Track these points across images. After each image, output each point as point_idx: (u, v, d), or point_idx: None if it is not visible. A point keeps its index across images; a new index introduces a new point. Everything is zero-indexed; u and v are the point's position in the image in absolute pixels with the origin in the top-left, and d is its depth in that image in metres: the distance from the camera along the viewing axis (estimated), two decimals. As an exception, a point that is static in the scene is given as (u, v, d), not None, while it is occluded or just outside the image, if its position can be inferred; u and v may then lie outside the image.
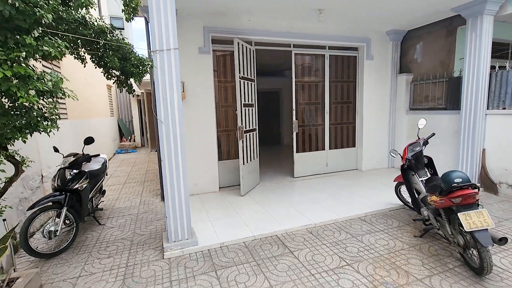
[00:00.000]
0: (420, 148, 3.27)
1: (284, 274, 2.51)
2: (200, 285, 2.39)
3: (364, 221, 3.60)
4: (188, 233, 2.99)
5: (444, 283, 2.32)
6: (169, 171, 2.84)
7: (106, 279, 2.53)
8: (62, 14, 1.86)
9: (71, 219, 3.18)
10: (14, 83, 1.37)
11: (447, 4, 4.44)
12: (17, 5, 1.27)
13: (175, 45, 2.73)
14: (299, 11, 4.51)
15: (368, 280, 2.38)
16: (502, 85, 4.41)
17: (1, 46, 1.32)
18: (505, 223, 3.39)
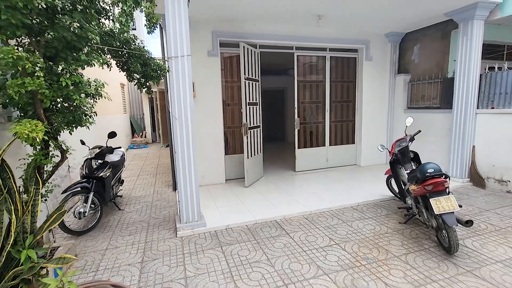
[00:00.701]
0: (406, 143, 3.61)
1: (280, 250, 2.92)
2: (208, 257, 2.82)
3: (356, 210, 3.98)
4: (197, 216, 3.43)
5: (418, 259, 2.69)
6: (181, 161, 3.27)
7: (129, 251, 2.99)
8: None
9: (96, 203, 3.65)
10: (71, 88, 1.81)
11: (440, 10, 4.73)
12: (76, 32, 1.70)
13: (188, 52, 3.15)
14: (301, 17, 4.87)
15: (351, 256, 2.77)
16: (491, 85, 4.69)
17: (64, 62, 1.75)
18: (485, 213, 3.72)
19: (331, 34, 5.70)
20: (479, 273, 2.44)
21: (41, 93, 1.66)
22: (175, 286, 2.38)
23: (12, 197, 1.85)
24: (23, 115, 1.93)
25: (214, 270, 2.60)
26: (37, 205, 1.93)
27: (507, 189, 4.50)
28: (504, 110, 4.48)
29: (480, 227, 3.33)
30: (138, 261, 2.80)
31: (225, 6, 4.24)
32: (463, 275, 2.43)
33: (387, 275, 2.46)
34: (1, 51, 1.42)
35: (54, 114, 2.03)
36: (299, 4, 4.22)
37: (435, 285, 2.30)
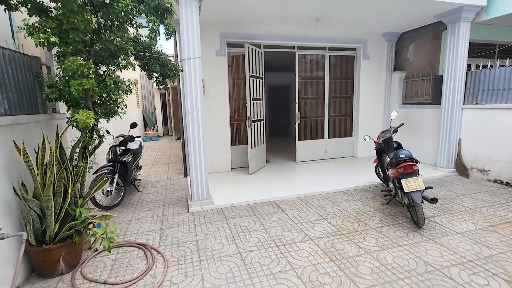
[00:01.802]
0: (390, 134, 4.07)
1: (275, 223, 3.47)
2: (215, 227, 3.39)
3: (345, 193, 4.48)
4: (206, 195, 4.01)
5: (390, 230, 3.19)
6: (193, 148, 3.84)
7: (149, 222, 3.60)
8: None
9: (120, 183, 4.27)
10: (112, 87, 2.37)
11: (430, 13, 5.12)
12: (118, 44, 2.25)
13: (199, 54, 3.69)
14: (301, 20, 5.33)
15: (335, 227, 3.30)
16: (476, 83, 5.08)
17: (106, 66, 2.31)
18: (461, 197, 4.17)
19: (330, 34, 6.14)
20: (439, 241, 2.93)
21: (92, 90, 2.23)
22: (189, 246, 2.96)
23: (67, 169, 2.44)
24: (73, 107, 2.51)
25: (220, 236, 3.17)
26: (85, 176, 2.53)
27: (488, 178, 4.91)
28: (486, 105, 4.88)
29: (453, 208, 3.80)
30: (157, 228, 3.40)
31: (232, 11, 4.74)
32: (425, 242, 2.93)
33: (362, 241, 2.98)
34: (69, 60, 1.98)
35: (98, 106, 2.60)
36: (299, 8, 4.68)
37: (400, 248, 2.81)
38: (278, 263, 2.61)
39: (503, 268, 2.44)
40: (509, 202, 3.94)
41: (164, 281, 2.39)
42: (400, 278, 2.35)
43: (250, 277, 2.41)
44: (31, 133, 2.65)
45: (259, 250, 2.85)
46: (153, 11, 2.27)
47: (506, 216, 3.47)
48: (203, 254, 2.80)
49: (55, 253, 2.39)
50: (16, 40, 2.78)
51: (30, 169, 2.20)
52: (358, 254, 2.72)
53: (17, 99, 2.51)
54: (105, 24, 2.32)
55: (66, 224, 2.42)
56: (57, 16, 1.91)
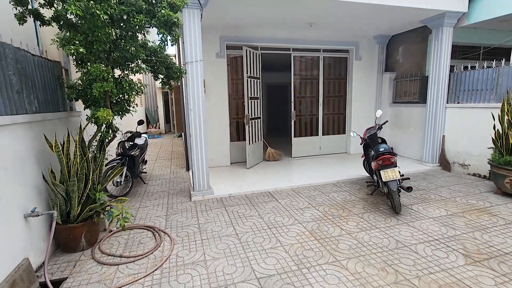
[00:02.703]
0: (375, 131, 4.45)
1: (269, 210, 3.86)
2: (215, 213, 3.79)
3: (335, 185, 4.88)
4: (207, 186, 4.40)
5: (371, 216, 3.59)
6: (195, 143, 4.23)
7: (156, 209, 4.00)
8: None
9: (128, 175, 4.67)
10: (127, 89, 2.76)
11: (415, 18, 5.48)
12: (132, 52, 2.64)
13: (200, 58, 4.08)
14: (296, 24, 5.69)
15: (322, 213, 3.69)
16: (457, 83, 5.46)
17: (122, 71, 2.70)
18: (440, 189, 4.56)
19: (323, 37, 6.51)
20: (412, 224, 3.33)
21: (111, 92, 2.61)
22: (192, 228, 3.37)
23: (88, 159, 2.84)
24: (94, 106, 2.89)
25: (219, 220, 3.57)
26: (103, 165, 2.93)
27: (468, 172, 5.30)
28: (466, 104, 5.26)
29: (430, 197, 4.19)
30: (163, 214, 3.80)
31: (231, 16, 5.11)
32: (400, 225, 3.32)
33: (344, 224, 3.37)
34: (93, 67, 2.36)
35: (114, 105, 2.99)
36: (293, 15, 5.05)
37: (377, 230, 3.21)
38: (270, 242, 3.01)
39: (463, 245, 2.84)
40: (482, 192, 4.33)
41: (171, 255, 2.79)
42: (373, 252, 2.75)
43: (244, 252, 2.81)
44: (56, 128, 3.04)
45: (253, 231, 3.25)
46: (163, 25, 2.65)
47: (476, 204, 3.86)
48: (205, 234, 3.20)
49: (77, 231, 2.79)
50: (41, 46, 3.17)
51: (60, 158, 2.59)
52: (340, 235, 3.12)
53: (44, 98, 2.90)
54: (121, 34, 2.71)
55: (87, 206, 2.81)
56: (83, 30, 2.29)
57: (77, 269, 2.59)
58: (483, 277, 2.33)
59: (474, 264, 2.52)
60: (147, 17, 2.57)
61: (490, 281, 2.28)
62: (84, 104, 3.11)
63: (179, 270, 2.54)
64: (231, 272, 2.49)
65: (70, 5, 2.01)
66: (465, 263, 2.53)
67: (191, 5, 3.87)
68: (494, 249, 2.74)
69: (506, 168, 3.98)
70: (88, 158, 2.81)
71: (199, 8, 3.97)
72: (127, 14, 2.43)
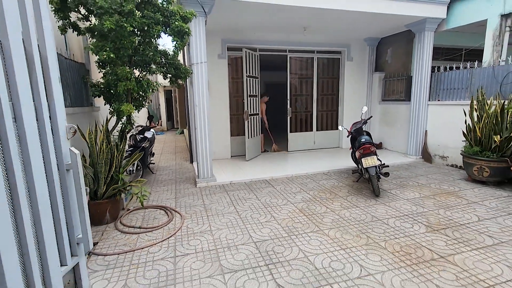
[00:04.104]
0: (360, 125, 4.98)
1: (265, 194, 4.40)
2: (218, 196, 4.33)
3: (325, 174, 5.42)
4: (210, 174, 4.93)
5: (353, 198, 4.12)
6: (199, 135, 4.76)
7: (165, 193, 4.53)
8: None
9: (139, 165, 5.19)
10: (145, 87, 3.27)
11: (400, 23, 6.01)
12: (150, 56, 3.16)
13: (205, 60, 4.60)
14: (291, 28, 6.21)
15: (311, 196, 4.23)
16: (438, 83, 5.99)
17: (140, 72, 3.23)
18: (419, 177, 5.09)
19: (317, 39, 7.03)
20: (388, 204, 3.87)
21: (133, 89, 3.13)
22: (198, 207, 3.90)
23: (112, 146, 3.36)
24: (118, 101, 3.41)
25: (222, 202, 4.10)
26: (124, 151, 3.45)
27: (447, 163, 5.85)
28: (445, 102, 5.80)
29: (408, 184, 4.73)
30: (173, 197, 4.34)
31: (231, 21, 5.62)
32: (377, 204, 3.86)
33: (330, 204, 3.91)
34: (120, 69, 2.88)
35: (134, 100, 3.51)
36: (287, 20, 5.56)
37: (357, 208, 3.74)
38: (265, 217, 3.54)
39: (427, 219, 3.38)
40: (456, 180, 4.88)
41: (182, 227, 3.33)
42: (351, 224, 3.28)
43: (244, 224, 3.35)
44: (82, 120, 3.57)
45: (251, 210, 3.79)
46: (176, 34, 3.16)
47: (447, 189, 4.41)
48: (210, 212, 3.74)
49: (103, 206, 3.32)
50: (68, 50, 3.68)
51: (92, 144, 3.11)
52: (325, 212, 3.66)
53: (74, 95, 3.42)
54: (141, 42, 3.22)
55: (111, 186, 3.34)
56: (112, 39, 2.79)
57: (105, 236, 3.12)
58: (437, 240, 2.87)
59: (433, 232, 3.06)
60: (163, 27, 3.09)
61: (442, 243, 2.82)
62: (105, 100, 3.62)
63: (189, 237, 3.07)
64: (233, 238, 3.03)
65: (105, 20, 2.53)
66: (426, 231, 3.07)
67: (197, 14, 4.38)
68: (452, 222, 3.28)
69: (474, 158, 4.52)
70: (111, 146, 3.34)
71: (204, 15, 4.48)
72: (147, 26, 2.94)
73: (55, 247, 1.20)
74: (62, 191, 1.30)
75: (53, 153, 1.22)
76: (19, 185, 0.97)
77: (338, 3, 4.87)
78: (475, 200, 3.93)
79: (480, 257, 2.57)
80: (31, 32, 1.10)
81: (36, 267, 1.04)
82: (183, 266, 2.54)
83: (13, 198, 0.95)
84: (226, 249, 2.82)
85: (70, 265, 1.31)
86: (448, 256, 2.60)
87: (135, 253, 2.78)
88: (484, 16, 5.17)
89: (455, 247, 2.75)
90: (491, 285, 2.19)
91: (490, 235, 2.95)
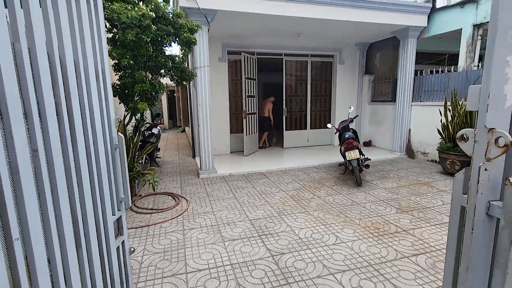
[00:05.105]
0: (347, 123, 5.52)
1: (261, 183, 4.94)
2: (219, 185, 4.87)
3: (316, 168, 5.96)
4: (212, 166, 5.47)
5: (338, 187, 4.67)
6: (202, 131, 5.29)
7: (172, 183, 5.07)
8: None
9: (147, 158, 5.73)
10: (157, 88, 3.81)
11: (387, 30, 6.56)
12: (162, 62, 3.69)
13: (207, 64, 5.14)
14: (286, 34, 6.75)
15: (302, 186, 4.77)
16: (420, 85, 6.55)
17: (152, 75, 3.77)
18: (400, 170, 5.64)
19: (310, 44, 7.58)
20: (367, 192, 4.42)
21: (148, 90, 3.67)
22: (201, 194, 4.44)
23: (127, 138, 3.90)
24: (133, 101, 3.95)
25: (222, 190, 4.65)
26: (138, 144, 3.99)
27: (427, 159, 6.40)
28: (426, 102, 6.36)
29: (389, 176, 5.28)
30: (178, 186, 4.88)
31: (231, 28, 6.16)
32: (359, 192, 4.41)
33: (317, 192, 4.46)
34: (138, 73, 3.41)
35: (147, 100, 4.05)
36: (282, 27, 6.10)
37: (340, 195, 4.29)
38: (260, 201, 4.08)
39: (399, 203, 3.93)
40: (432, 173, 5.43)
41: (188, 209, 3.86)
42: (333, 207, 3.83)
43: (241, 207, 3.89)
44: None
45: (248, 196, 4.33)
46: (185, 43, 3.70)
47: (422, 180, 4.96)
48: (211, 197, 4.28)
49: (120, 191, 3.85)
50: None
51: (112, 136, 3.65)
52: (312, 198, 4.20)
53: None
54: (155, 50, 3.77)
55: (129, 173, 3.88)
56: (131, 48, 3.32)
57: (123, 216, 3.66)
58: (404, 219, 3.42)
59: (401, 213, 3.61)
60: (174, 38, 3.63)
61: (407, 221, 3.36)
62: (120, 100, 4.15)
63: (195, 216, 3.61)
64: (232, 217, 3.57)
65: (128, 33, 3.06)
66: (396, 213, 3.62)
67: (201, 23, 4.92)
68: (419, 205, 3.84)
69: (447, 153, 5.08)
70: (127, 139, 3.87)
71: (206, 24, 5.02)
72: (160, 37, 3.48)
73: (109, 201, 1.74)
74: (113, 163, 1.84)
75: (107, 136, 1.76)
76: (93, 157, 1.52)
77: (327, 13, 5.41)
78: (444, 189, 4.49)
79: (435, 231, 3.12)
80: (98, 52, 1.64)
81: (100, 214, 1.58)
82: (190, 237, 3.08)
83: (90, 167, 1.50)
84: (226, 225, 3.36)
85: (117, 215, 1.85)
86: (410, 230, 3.15)
87: (150, 228, 3.32)
88: (460, 26, 5.72)
89: (417, 224, 3.30)
90: (438, 249, 2.74)
91: (448, 215, 3.50)
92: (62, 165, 1.25)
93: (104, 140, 1.74)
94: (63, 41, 1.29)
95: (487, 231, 0.66)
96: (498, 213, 0.63)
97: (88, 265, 1.46)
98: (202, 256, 2.71)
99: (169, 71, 4.45)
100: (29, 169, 1.01)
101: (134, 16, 3.12)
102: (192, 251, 2.79)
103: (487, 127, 0.63)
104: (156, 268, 2.53)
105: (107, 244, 1.70)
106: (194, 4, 4.58)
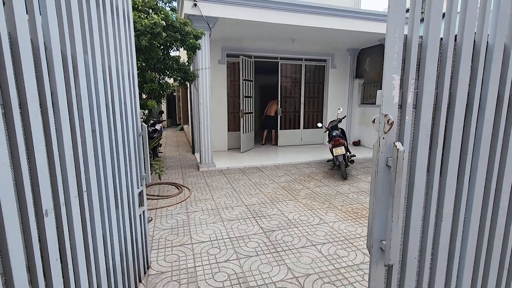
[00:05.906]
0: (336, 123, 6.02)
1: (256, 176, 5.41)
2: (217, 177, 5.32)
3: (307, 164, 6.46)
4: (211, 160, 5.93)
5: (326, 180, 5.16)
6: (203, 128, 5.75)
7: (174, 175, 5.51)
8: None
9: (150, 152, 6.15)
10: (165, 87, 4.24)
11: (374, 38, 7.09)
12: (169, 64, 4.14)
13: (208, 66, 5.60)
14: (282, 39, 7.25)
15: (293, 179, 5.25)
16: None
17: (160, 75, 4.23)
18: (383, 167, 6.16)
19: (305, 49, 8.08)
20: (352, 185, 4.91)
21: (156, 89, 4.11)
22: (202, 185, 4.89)
23: (137, 133, 4.34)
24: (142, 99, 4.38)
25: (220, 181, 5.10)
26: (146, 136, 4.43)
27: (410, 157, 6.92)
28: (409, 105, 6.88)
29: (373, 171, 5.78)
30: (180, 178, 5.32)
31: (230, 33, 6.64)
32: (344, 184, 4.90)
33: (307, 184, 4.94)
34: (148, 74, 3.86)
35: (155, 98, 4.50)
36: (278, 33, 6.60)
37: (327, 187, 4.78)
38: (255, 191, 4.55)
39: (378, 194, 4.42)
40: (412, 169, 5.94)
41: (190, 196, 4.32)
42: (320, 196, 4.32)
43: (238, 195, 4.35)
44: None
45: (244, 187, 4.80)
46: (190, 48, 4.16)
47: (402, 175, 5.47)
48: (211, 187, 4.74)
49: (130, 179, 4.29)
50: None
51: (124, 130, 4.09)
52: (302, 188, 4.69)
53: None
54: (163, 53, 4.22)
55: (136, 163, 4.32)
56: (143, 52, 3.77)
57: (132, 201, 4.10)
58: (380, 206, 3.91)
59: (379, 201, 4.10)
60: (181, 43, 4.08)
61: (383, 207, 3.86)
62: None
63: (197, 202, 4.07)
64: (230, 203, 4.04)
65: (142, 40, 3.50)
66: (374, 201, 4.12)
67: (204, 29, 5.39)
68: (396, 195, 4.33)
69: (425, 151, 5.59)
70: (137, 132, 4.31)
71: (208, 30, 5.48)
72: (169, 42, 3.93)
73: (135, 177, 2.20)
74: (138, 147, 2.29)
75: (135, 125, 2.22)
76: (127, 141, 1.98)
77: (319, 22, 5.92)
78: (420, 182, 4.99)
79: (406, 215, 3.62)
80: (130, 58, 2.10)
81: (130, 186, 2.04)
82: (194, 217, 3.54)
83: (125, 149, 1.96)
84: (225, 209, 3.82)
85: (140, 189, 2.31)
86: (384, 214, 3.64)
87: (157, 210, 3.77)
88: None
89: (391, 209, 3.79)
90: (405, 229, 3.23)
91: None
92: (110, 142, 1.73)
93: (133, 128, 2.20)
94: (109, 51, 1.76)
95: (387, 175, 1.13)
96: (391, 163, 1.11)
97: (122, 222, 1.93)
98: (204, 231, 3.16)
99: (174, 71, 4.91)
100: (91, 142, 1.48)
101: (147, 24, 3.57)
102: (196, 228, 3.25)
103: (383, 114, 1.11)
104: (166, 240, 2.99)
105: (134, 210, 2.16)
106: (197, 12, 5.05)
